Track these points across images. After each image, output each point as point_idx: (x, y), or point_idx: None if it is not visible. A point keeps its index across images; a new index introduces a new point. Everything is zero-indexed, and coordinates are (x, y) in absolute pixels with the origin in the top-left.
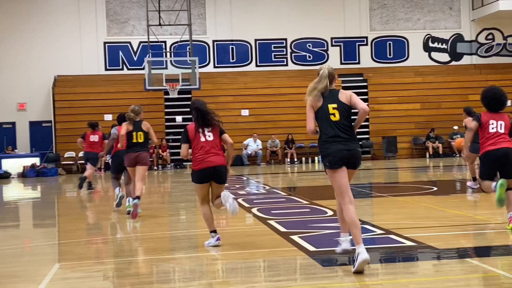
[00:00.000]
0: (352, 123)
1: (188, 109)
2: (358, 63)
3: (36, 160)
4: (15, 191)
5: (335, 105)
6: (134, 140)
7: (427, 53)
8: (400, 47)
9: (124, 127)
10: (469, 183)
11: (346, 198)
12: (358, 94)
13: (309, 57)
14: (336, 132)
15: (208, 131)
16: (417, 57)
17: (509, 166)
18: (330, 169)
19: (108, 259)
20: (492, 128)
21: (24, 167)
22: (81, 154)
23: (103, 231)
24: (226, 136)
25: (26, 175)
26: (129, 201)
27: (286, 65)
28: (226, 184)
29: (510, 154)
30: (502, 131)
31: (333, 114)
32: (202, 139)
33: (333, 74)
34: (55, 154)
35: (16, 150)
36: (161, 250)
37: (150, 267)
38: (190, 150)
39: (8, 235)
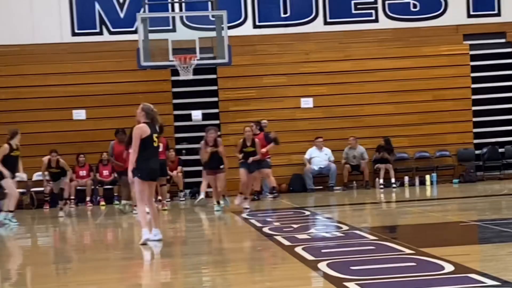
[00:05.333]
0: None
1: (212, 99)
2: (498, 14)
3: None
4: None
5: (156, 135)
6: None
7: None
8: None
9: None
10: None
11: (141, 199)
12: (498, 66)
13: (414, 6)
14: (153, 154)
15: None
16: None
17: None
18: (144, 180)
19: None
20: None
21: None
22: (36, 176)
23: None
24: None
25: None
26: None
27: (376, 21)
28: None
29: None
30: None
31: (155, 141)
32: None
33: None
34: None
35: None
36: None
37: None
38: None
39: None
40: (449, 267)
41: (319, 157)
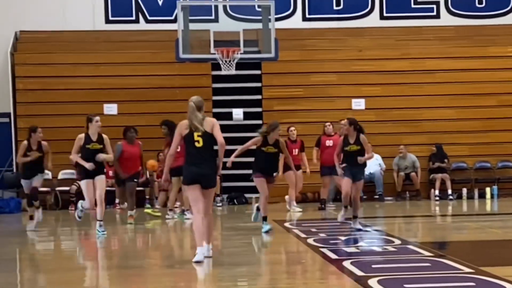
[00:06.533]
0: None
1: (255, 97)
2: None
3: None
4: None
5: (199, 133)
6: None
7: None
8: None
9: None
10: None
11: (195, 209)
12: None
13: (480, 2)
14: (195, 157)
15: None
16: None
17: None
18: (186, 185)
19: None
20: None
21: None
22: (62, 174)
23: None
24: None
25: None
26: None
27: (437, 17)
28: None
29: None
30: None
31: (197, 141)
32: None
33: (200, 105)
34: (17, 174)
35: None
36: None
37: None
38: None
39: None
40: None
41: (369, 164)
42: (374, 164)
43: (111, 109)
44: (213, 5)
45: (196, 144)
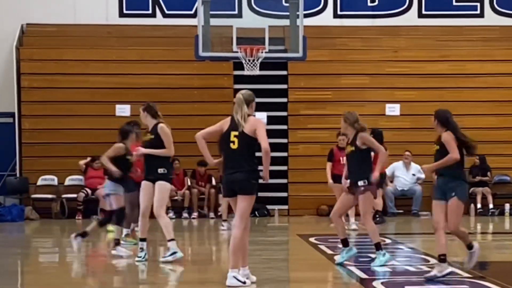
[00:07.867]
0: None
1: (281, 100)
2: None
3: None
4: None
5: (236, 133)
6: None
7: None
8: None
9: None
10: None
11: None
12: None
13: None
14: (230, 160)
15: None
16: None
17: None
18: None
19: None
20: None
21: None
22: (69, 180)
23: None
24: None
25: None
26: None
27: (481, 16)
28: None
29: None
30: None
31: (233, 142)
32: None
33: (249, 99)
34: (20, 179)
35: None
36: None
37: None
38: None
39: None
40: None
41: (405, 177)
42: (409, 181)
43: (123, 110)
44: (236, 0)
45: (231, 145)
